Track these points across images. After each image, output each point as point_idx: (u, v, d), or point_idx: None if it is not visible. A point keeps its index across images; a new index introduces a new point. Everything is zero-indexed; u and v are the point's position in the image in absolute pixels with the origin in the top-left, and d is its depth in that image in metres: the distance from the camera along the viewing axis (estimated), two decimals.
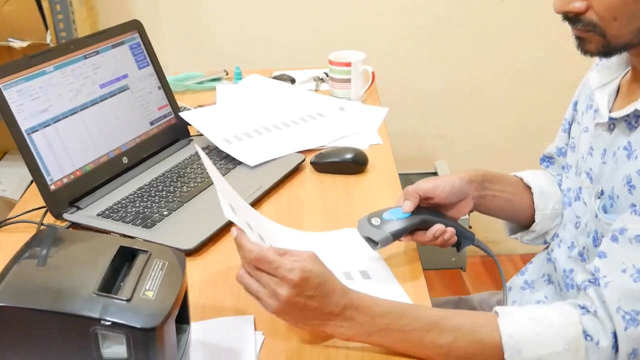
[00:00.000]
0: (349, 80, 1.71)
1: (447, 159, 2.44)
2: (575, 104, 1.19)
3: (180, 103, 1.61)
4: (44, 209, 1.22)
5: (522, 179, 1.20)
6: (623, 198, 0.94)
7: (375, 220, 1.03)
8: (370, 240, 1.03)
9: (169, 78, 1.79)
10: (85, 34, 1.97)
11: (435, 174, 2.36)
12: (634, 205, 0.91)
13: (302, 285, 0.82)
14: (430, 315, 0.89)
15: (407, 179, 2.42)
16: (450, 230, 1.05)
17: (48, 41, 1.88)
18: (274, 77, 1.86)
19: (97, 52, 1.34)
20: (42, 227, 1.20)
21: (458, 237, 1.07)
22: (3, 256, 1.13)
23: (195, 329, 0.90)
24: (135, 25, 1.44)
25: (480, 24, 2.34)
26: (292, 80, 1.84)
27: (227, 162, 1.39)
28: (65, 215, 1.21)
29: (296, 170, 1.38)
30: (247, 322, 0.94)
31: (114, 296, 0.76)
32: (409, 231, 1.03)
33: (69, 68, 1.28)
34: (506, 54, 2.37)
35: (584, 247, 1.06)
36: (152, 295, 0.78)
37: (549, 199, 1.19)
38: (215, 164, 1.38)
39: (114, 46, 1.38)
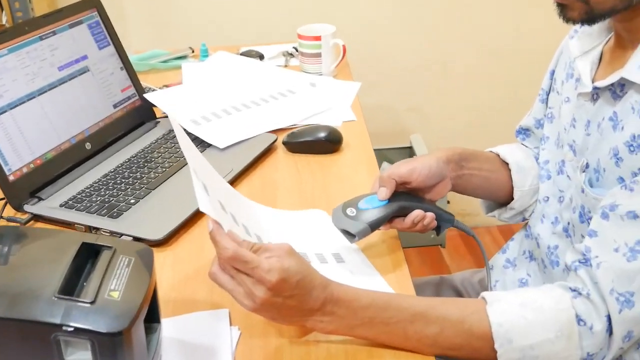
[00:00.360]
0: (319, 55, 1.65)
1: (422, 133, 2.40)
2: (553, 72, 1.14)
3: (144, 83, 1.54)
4: (3, 201, 1.16)
5: (498, 155, 1.17)
6: (610, 171, 0.90)
7: (351, 211, 0.98)
8: (347, 233, 0.98)
9: (132, 57, 1.72)
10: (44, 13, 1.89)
11: (410, 148, 2.32)
12: (623, 180, 0.87)
13: (281, 286, 0.77)
14: (415, 305, 0.85)
15: (382, 154, 2.39)
16: (430, 215, 1.00)
17: (4, 22, 1.80)
18: (242, 54, 1.79)
19: (54, 33, 1.27)
20: (2, 219, 1.14)
21: (437, 220, 1.03)
22: None
23: (167, 326, 0.86)
24: (93, 3, 1.36)
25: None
26: (261, 57, 1.78)
27: (195, 144, 1.32)
28: (26, 207, 1.15)
29: (268, 150, 1.33)
30: (221, 317, 0.90)
31: (76, 299, 0.71)
32: (387, 220, 0.99)
33: (23, 50, 1.21)
34: (479, 26, 2.33)
35: (568, 223, 1.03)
36: (117, 295, 0.72)
37: (527, 174, 1.15)
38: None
39: (71, 26, 1.31)
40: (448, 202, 2.23)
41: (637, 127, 0.86)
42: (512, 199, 1.16)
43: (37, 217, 1.14)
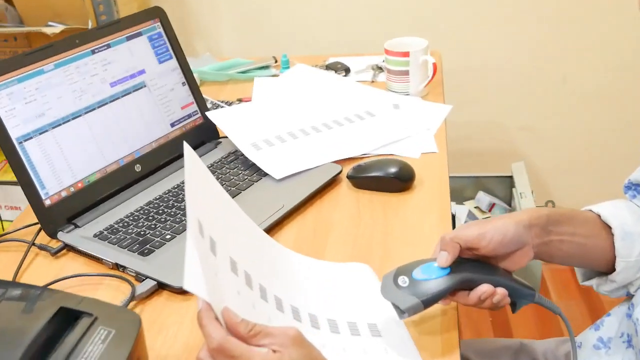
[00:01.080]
0: (407, 73, 1.49)
1: (526, 160, 2.16)
2: None
3: (211, 99, 1.44)
4: (37, 227, 1.09)
5: (599, 216, 0.95)
6: None
7: (403, 280, 0.81)
8: (396, 307, 0.82)
9: (210, 67, 1.63)
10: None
11: (510, 177, 2.09)
12: None
13: None
14: None
15: (479, 183, 2.16)
16: (501, 292, 0.82)
17: (89, 26, 1.76)
18: (328, 65, 1.66)
19: (109, 46, 1.19)
20: (34, 247, 1.07)
21: (512, 297, 0.84)
22: None
23: None
24: (156, 13, 1.27)
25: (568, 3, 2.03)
26: (347, 70, 1.64)
27: (251, 172, 1.21)
28: (59, 235, 1.07)
29: (330, 183, 1.19)
30: None
31: None
32: (446, 294, 0.82)
33: (72, 65, 1.13)
34: (602, 40, 2.06)
35: None
36: None
37: (634, 241, 0.93)
38: (239, 174, 1.21)
39: (129, 38, 1.22)
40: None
41: None
42: (614, 269, 0.95)
43: (68, 247, 1.06)
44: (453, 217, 1.23)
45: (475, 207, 2.09)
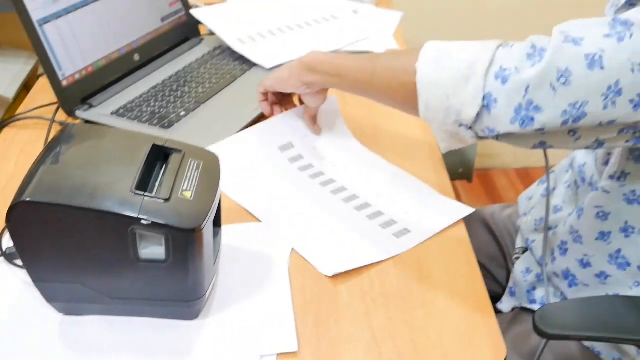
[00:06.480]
0: None
1: None
2: None
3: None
4: (56, 105, 1.18)
5: None
6: None
7: None
8: None
9: None
10: None
11: None
12: None
13: None
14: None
15: None
16: None
17: None
18: None
19: None
20: (55, 123, 1.16)
21: None
22: (17, 152, 1.10)
23: (226, 232, 0.89)
24: None
25: None
26: None
27: (241, 63, 1.35)
28: (78, 113, 1.17)
29: None
30: (274, 229, 0.93)
31: (152, 195, 0.74)
32: None
33: None
34: None
35: None
36: (190, 195, 0.75)
37: None
38: (229, 65, 1.34)
39: None
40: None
41: None
42: None
43: (88, 124, 1.16)
44: None
45: None
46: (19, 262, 0.86)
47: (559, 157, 1.22)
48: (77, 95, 1.18)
